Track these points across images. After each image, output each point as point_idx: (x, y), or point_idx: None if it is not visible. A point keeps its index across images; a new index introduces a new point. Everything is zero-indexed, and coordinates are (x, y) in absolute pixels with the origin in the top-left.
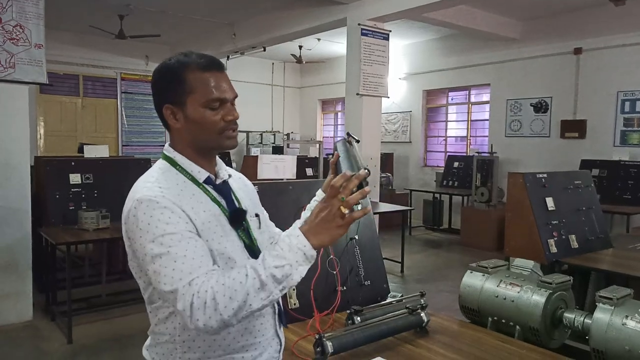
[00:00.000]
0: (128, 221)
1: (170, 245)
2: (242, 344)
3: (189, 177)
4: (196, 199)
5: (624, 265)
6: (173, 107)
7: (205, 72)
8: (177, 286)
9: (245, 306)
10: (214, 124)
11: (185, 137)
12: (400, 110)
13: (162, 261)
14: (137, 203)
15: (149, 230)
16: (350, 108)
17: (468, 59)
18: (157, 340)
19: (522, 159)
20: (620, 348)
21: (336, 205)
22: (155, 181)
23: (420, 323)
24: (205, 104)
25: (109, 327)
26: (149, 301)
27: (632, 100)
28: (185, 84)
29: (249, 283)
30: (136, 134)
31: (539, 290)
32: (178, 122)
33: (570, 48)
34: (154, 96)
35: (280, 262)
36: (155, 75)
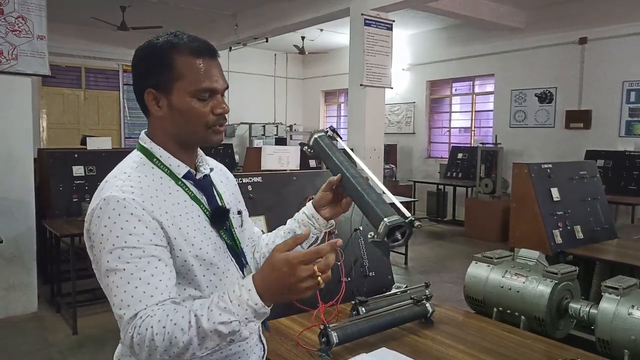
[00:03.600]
0: (91, 221)
1: (127, 262)
2: (226, 353)
3: (167, 171)
4: (173, 199)
5: (629, 255)
6: (156, 92)
7: (197, 58)
8: (123, 314)
9: (187, 354)
10: (202, 116)
11: (166, 128)
12: (404, 101)
13: (116, 278)
14: (104, 203)
15: (109, 238)
16: (354, 99)
17: (472, 49)
18: (129, 353)
19: (527, 149)
20: (625, 337)
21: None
22: (127, 178)
23: (425, 314)
24: (194, 93)
25: (113, 319)
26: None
27: (637, 90)
28: (174, 68)
29: (192, 333)
30: (139, 126)
31: (545, 280)
32: (160, 110)
33: (575, 38)
34: (135, 77)
35: (227, 317)
36: (138, 54)
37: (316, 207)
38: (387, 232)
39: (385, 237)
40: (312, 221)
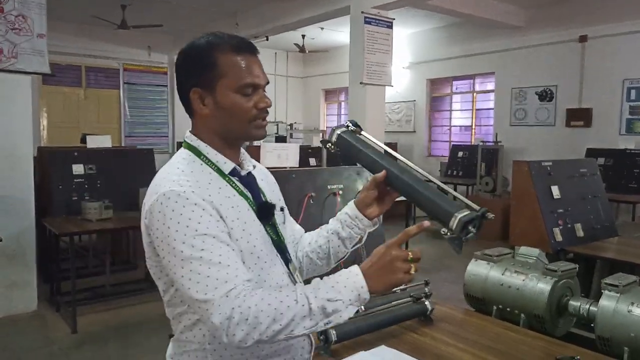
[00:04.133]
0: (151, 217)
1: (202, 249)
2: (275, 348)
3: (215, 168)
4: (223, 194)
5: (629, 253)
6: (201, 91)
7: (238, 55)
8: (212, 296)
9: (286, 331)
10: (246, 111)
11: (212, 125)
12: (404, 100)
13: (194, 266)
14: (164, 198)
15: (179, 229)
16: (354, 97)
17: (472, 47)
18: (183, 349)
19: (527, 148)
20: (625, 335)
21: (402, 256)
22: (181, 173)
23: (424, 311)
24: (237, 89)
25: (113, 317)
26: (169, 304)
27: (638, 88)
28: (217, 66)
29: (297, 309)
30: (139, 124)
31: (545, 278)
32: (206, 108)
33: (575, 36)
34: (180, 79)
35: (334, 295)
36: (181, 56)
37: (359, 207)
38: (462, 227)
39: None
40: (355, 222)
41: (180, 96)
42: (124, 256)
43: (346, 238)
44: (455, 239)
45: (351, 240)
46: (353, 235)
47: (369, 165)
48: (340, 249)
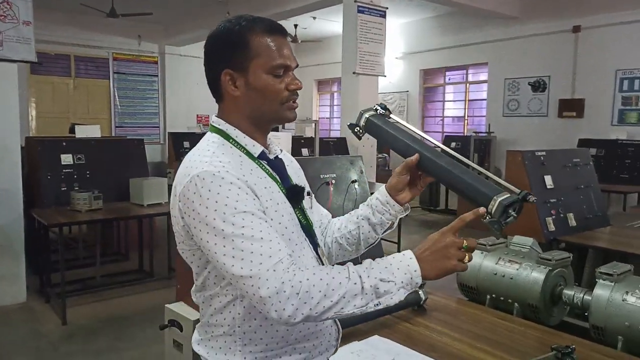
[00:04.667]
0: (186, 200)
1: (243, 226)
2: (304, 333)
3: (244, 151)
4: (256, 175)
5: (622, 242)
6: (233, 72)
7: (269, 36)
8: (258, 271)
9: (336, 308)
10: (278, 92)
11: (243, 107)
12: (397, 90)
13: (236, 243)
14: (198, 179)
15: (217, 208)
16: (347, 87)
17: (466, 37)
18: (212, 333)
19: (520, 138)
20: (620, 324)
21: (457, 243)
22: (212, 155)
23: (418, 301)
24: (269, 70)
25: (104, 309)
26: (201, 288)
27: (630, 78)
28: (249, 47)
29: (349, 286)
30: (129, 115)
31: (539, 267)
32: (237, 90)
33: (569, 26)
34: (209, 62)
35: (387, 276)
36: (212, 39)
37: (391, 192)
38: (502, 210)
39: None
40: (386, 207)
41: (208, 80)
42: (114, 247)
43: (377, 224)
44: (495, 222)
45: (382, 226)
46: (384, 221)
47: (400, 149)
48: (371, 234)
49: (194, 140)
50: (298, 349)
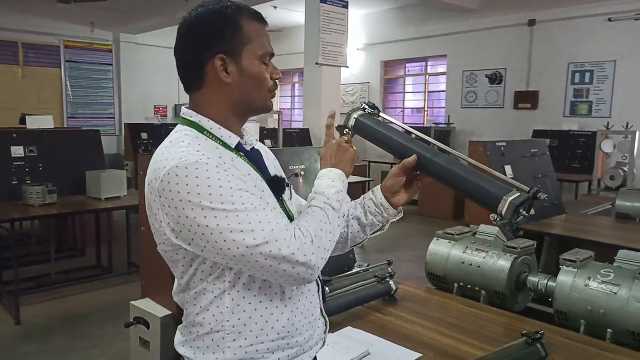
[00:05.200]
0: (167, 193)
1: (243, 202)
2: (296, 326)
3: (220, 142)
4: (236, 165)
5: (576, 229)
6: (227, 57)
7: (259, 22)
8: (272, 232)
9: (337, 232)
10: (266, 80)
11: (231, 95)
12: (358, 81)
13: (242, 217)
14: (179, 169)
15: (212, 192)
16: (309, 78)
17: (426, 29)
18: (197, 333)
19: (478, 129)
20: (582, 308)
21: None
22: (188, 145)
23: (388, 291)
24: (260, 56)
25: (60, 307)
26: (185, 287)
27: (581, 71)
28: (243, 32)
29: (330, 215)
30: (82, 105)
31: (504, 255)
32: (229, 77)
33: (524, 19)
34: (193, 46)
35: (337, 188)
36: (200, 22)
37: (386, 194)
38: (513, 211)
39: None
40: (380, 210)
41: (187, 66)
42: (69, 243)
43: (367, 225)
44: (507, 224)
45: (372, 228)
46: (375, 222)
47: (395, 150)
48: (359, 234)
49: (153, 132)
50: (291, 343)
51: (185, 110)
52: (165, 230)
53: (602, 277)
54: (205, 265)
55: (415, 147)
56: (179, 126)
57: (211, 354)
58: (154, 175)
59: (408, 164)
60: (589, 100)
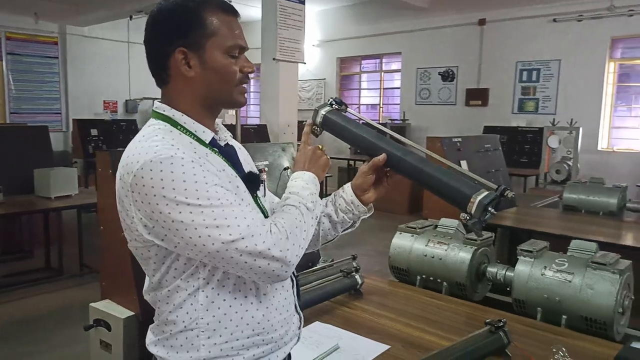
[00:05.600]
0: (141, 188)
1: (218, 198)
2: (272, 322)
3: (194, 138)
4: (210, 160)
5: (527, 221)
6: (188, 51)
7: (226, 14)
8: (248, 228)
9: (310, 231)
10: (233, 74)
11: (196, 89)
12: (315, 78)
13: (217, 212)
14: (153, 164)
15: (187, 187)
16: (267, 74)
17: (380, 27)
18: (171, 332)
19: (432, 125)
20: (539, 297)
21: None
22: (162, 140)
23: (354, 285)
24: (226, 49)
25: (9, 311)
26: (157, 286)
27: (529, 70)
28: (206, 25)
29: (305, 214)
30: (26, 100)
31: (465, 247)
32: (191, 70)
33: (475, 19)
34: (157, 39)
35: (310, 190)
36: (162, 15)
37: (356, 192)
38: (483, 209)
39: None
40: (351, 207)
41: (154, 59)
42: (16, 244)
43: (338, 222)
44: (476, 222)
45: (343, 225)
46: (346, 220)
47: (364, 147)
48: (330, 232)
49: (103, 128)
50: (266, 339)
51: (158, 104)
52: (138, 227)
53: (557, 266)
54: (178, 263)
55: (384, 145)
56: (152, 120)
57: (185, 352)
58: (126, 170)
59: (378, 162)
60: (536, 97)
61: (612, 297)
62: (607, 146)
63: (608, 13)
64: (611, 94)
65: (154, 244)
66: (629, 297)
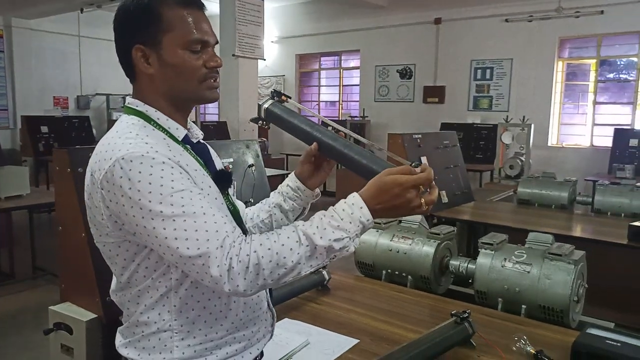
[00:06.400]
0: (111, 186)
1: (183, 205)
2: (244, 320)
3: (167, 134)
4: (185, 158)
5: (485, 215)
6: (145, 48)
7: (185, 8)
8: (206, 249)
9: (293, 273)
10: (195, 69)
11: (158, 86)
12: (274, 74)
13: (178, 223)
14: (124, 162)
15: (152, 190)
16: (226, 70)
17: (338, 24)
18: (142, 333)
19: (391, 122)
20: (500, 287)
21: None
22: (136, 137)
23: (322, 281)
24: (185, 44)
25: None
26: (125, 285)
27: (483, 68)
28: (162, 20)
29: (302, 251)
30: None
31: (429, 241)
32: (151, 67)
33: (431, 18)
34: (119, 36)
35: (340, 234)
36: (120, 12)
37: (300, 178)
38: None
39: None
40: (297, 193)
41: (119, 56)
42: None
43: (289, 210)
44: None
45: (294, 213)
46: (296, 207)
47: (302, 137)
48: (283, 221)
49: (54, 125)
50: (238, 337)
51: (131, 100)
52: (108, 223)
53: (516, 257)
54: (149, 261)
55: (317, 134)
56: (125, 116)
57: (158, 354)
58: (98, 167)
59: (310, 151)
60: (490, 95)
61: (568, 286)
62: (557, 142)
63: (556, 14)
64: (560, 92)
65: (125, 240)
66: (583, 286)
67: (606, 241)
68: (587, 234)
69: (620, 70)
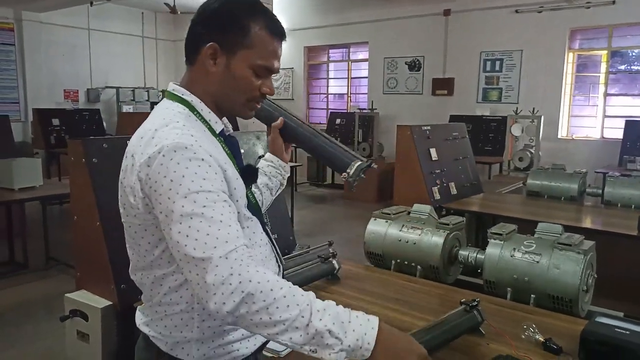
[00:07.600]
0: (149, 170)
1: (204, 205)
2: (237, 337)
3: (207, 126)
4: (221, 153)
5: (493, 207)
6: (219, 49)
7: (272, 36)
8: (210, 254)
9: (271, 329)
10: (251, 90)
11: (211, 85)
12: (282, 67)
13: (194, 222)
14: (168, 150)
15: (182, 183)
16: None
17: (346, 16)
18: (165, 313)
19: (399, 115)
20: (509, 277)
21: None
22: (183, 127)
23: (332, 270)
24: (255, 66)
25: None
26: (151, 265)
27: (492, 60)
28: (247, 35)
29: (295, 315)
30: None
31: (438, 231)
32: (215, 67)
33: (440, 9)
34: (201, 26)
35: (338, 331)
36: (218, 5)
37: (277, 155)
38: (359, 172)
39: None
40: (279, 170)
41: (189, 40)
42: None
43: (273, 188)
44: (353, 180)
45: (276, 189)
46: (277, 183)
47: (265, 117)
48: (269, 198)
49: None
50: None
51: (176, 87)
52: (140, 204)
53: (525, 247)
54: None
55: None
56: (168, 102)
57: (179, 332)
58: (142, 150)
59: (276, 126)
60: (499, 87)
61: (577, 276)
62: (567, 134)
63: (567, 5)
64: (570, 84)
65: (152, 224)
66: (592, 276)
67: (616, 232)
68: (597, 225)
69: (632, 61)
